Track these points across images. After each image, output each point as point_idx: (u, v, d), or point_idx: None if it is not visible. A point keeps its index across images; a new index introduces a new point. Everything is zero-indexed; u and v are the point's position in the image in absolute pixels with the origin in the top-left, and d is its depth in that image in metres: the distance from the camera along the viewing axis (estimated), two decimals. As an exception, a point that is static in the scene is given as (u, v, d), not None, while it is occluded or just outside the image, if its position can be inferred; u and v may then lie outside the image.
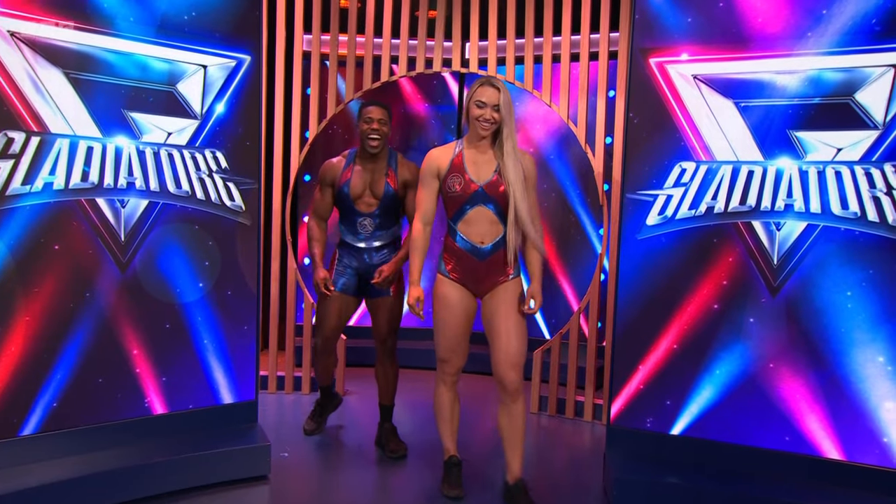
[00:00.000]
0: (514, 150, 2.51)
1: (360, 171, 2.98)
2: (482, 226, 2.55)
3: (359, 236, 3.04)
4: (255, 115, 3.12)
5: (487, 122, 2.48)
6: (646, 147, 2.95)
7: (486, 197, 2.54)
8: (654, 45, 2.90)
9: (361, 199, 2.98)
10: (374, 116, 2.93)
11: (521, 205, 2.49)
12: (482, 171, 2.54)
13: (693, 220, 2.87)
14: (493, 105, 2.48)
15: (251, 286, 3.11)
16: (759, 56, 2.74)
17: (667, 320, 2.91)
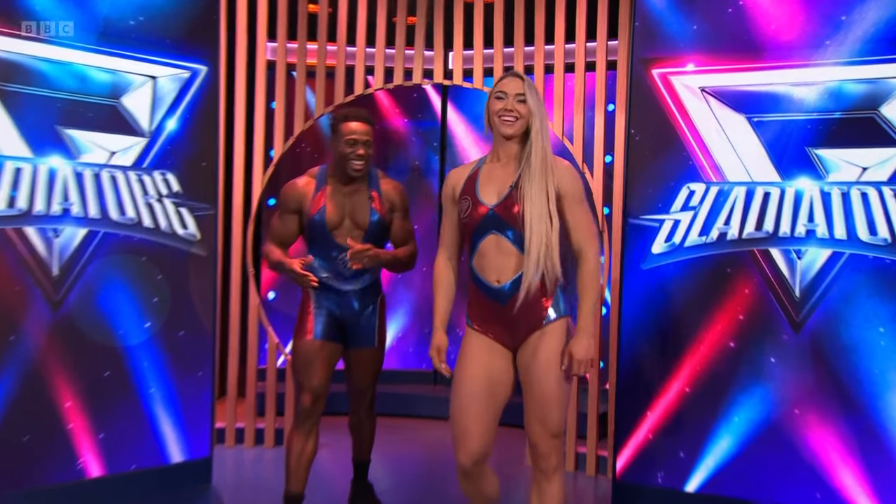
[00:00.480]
0: (542, 158, 2.16)
1: (336, 194, 2.68)
2: (497, 259, 2.17)
3: (340, 276, 2.70)
4: (212, 131, 3.07)
5: (511, 117, 2.15)
6: (650, 167, 2.96)
7: (498, 221, 2.16)
8: (657, 55, 2.92)
9: (340, 229, 2.67)
10: (358, 138, 2.61)
11: (538, 227, 2.11)
12: (497, 188, 2.19)
13: (704, 247, 2.86)
14: (517, 94, 2.15)
15: (206, 325, 3.05)
16: (773, 66, 2.75)
17: (677, 361, 2.88)
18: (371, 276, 2.76)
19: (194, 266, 2.99)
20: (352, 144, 2.60)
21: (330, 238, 2.65)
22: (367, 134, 2.64)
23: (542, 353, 2.14)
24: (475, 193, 2.19)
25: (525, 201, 2.12)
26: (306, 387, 2.62)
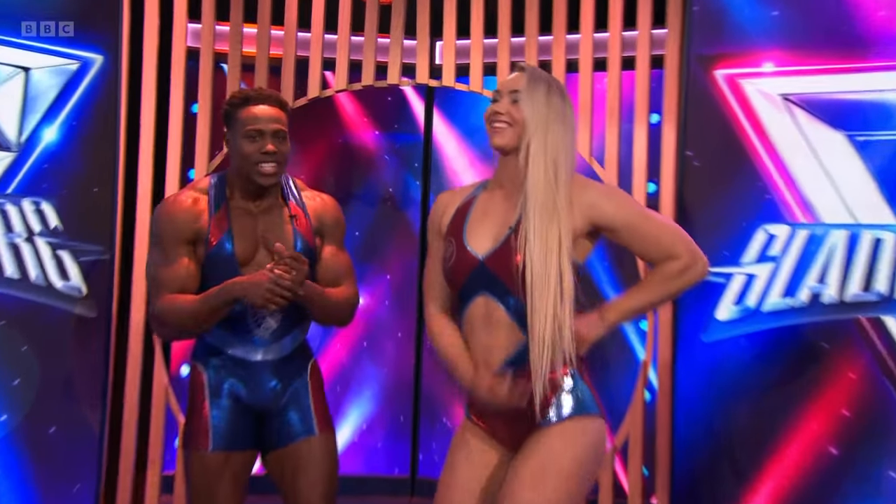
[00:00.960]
0: (545, 186, 2.08)
1: (242, 215, 2.51)
2: (484, 335, 2.11)
3: (251, 340, 2.50)
4: (108, 145, 3.06)
5: (501, 122, 2.10)
6: (712, 202, 3.00)
7: (489, 279, 2.09)
8: (723, 51, 2.97)
9: (251, 265, 2.46)
10: (263, 127, 2.43)
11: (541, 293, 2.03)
12: (494, 229, 2.13)
13: (790, 313, 2.89)
14: (511, 92, 2.11)
15: (92, 417, 2.98)
16: (883, 67, 2.83)
17: (754, 472, 2.89)
18: (295, 334, 2.55)
19: (78, 332, 2.95)
20: (255, 138, 2.40)
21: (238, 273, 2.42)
22: (277, 121, 2.44)
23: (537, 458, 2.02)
24: (462, 234, 2.12)
25: (527, 255, 2.03)
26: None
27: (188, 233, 2.44)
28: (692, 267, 2.07)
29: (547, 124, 2.07)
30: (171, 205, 2.50)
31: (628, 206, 2.14)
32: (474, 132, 4.93)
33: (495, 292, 2.07)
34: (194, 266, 2.46)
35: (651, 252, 2.10)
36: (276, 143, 2.39)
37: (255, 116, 2.40)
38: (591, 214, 2.08)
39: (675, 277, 2.07)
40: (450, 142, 5.03)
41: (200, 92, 3.80)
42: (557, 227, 2.03)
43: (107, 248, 2.99)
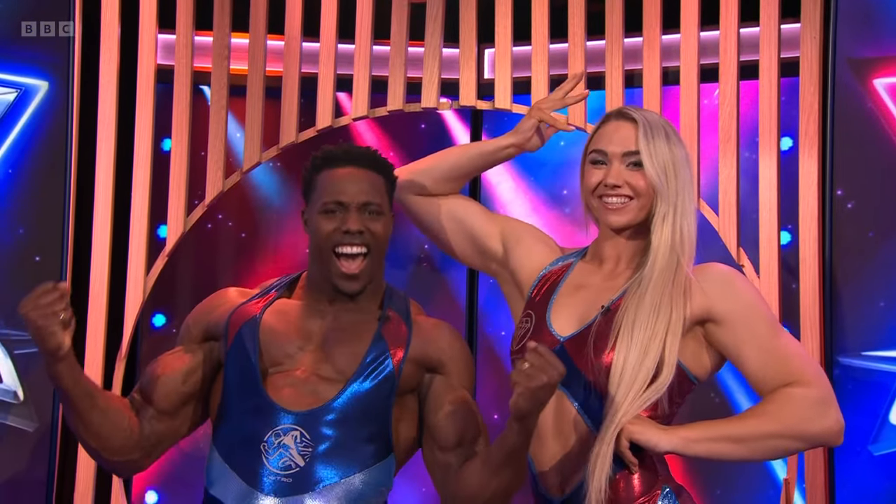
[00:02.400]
0: (674, 260, 2.13)
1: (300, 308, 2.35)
2: (554, 443, 2.15)
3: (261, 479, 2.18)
4: (53, 198, 3.13)
5: (617, 198, 2.17)
6: (873, 257, 3.04)
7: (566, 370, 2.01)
8: (884, 54, 3.02)
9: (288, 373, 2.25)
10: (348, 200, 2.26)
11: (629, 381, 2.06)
12: (583, 307, 2.19)
13: None
14: (626, 153, 2.16)
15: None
16: None
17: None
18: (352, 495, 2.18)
19: (12, 449, 3.01)
20: (334, 213, 2.24)
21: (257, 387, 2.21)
22: (367, 192, 2.27)
23: None
24: (546, 310, 2.21)
25: (621, 339, 2.08)
26: None
27: (202, 324, 2.35)
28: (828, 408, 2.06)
29: (678, 189, 2.13)
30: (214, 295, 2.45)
31: (757, 298, 2.19)
32: (538, 169, 4.97)
33: (570, 387, 2.10)
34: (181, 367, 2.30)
35: (769, 370, 2.09)
36: (363, 220, 2.22)
37: (337, 185, 2.26)
38: (710, 300, 2.11)
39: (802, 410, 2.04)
40: (505, 182, 5.03)
41: (175, 123, 3.77)
42: (670, 308, 2.06)
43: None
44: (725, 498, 4.79)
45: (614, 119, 2.21)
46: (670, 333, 2.04)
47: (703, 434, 2.07)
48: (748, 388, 4.58)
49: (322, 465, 2.15)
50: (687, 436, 2.05)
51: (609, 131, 2.18)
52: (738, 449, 2.10)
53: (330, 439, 2.16)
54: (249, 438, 2.17)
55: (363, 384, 2.19)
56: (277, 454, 2.13)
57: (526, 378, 1.93)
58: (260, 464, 2.14)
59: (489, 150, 2.52)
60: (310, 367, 2.22)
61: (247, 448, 2.17)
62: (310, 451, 2.13)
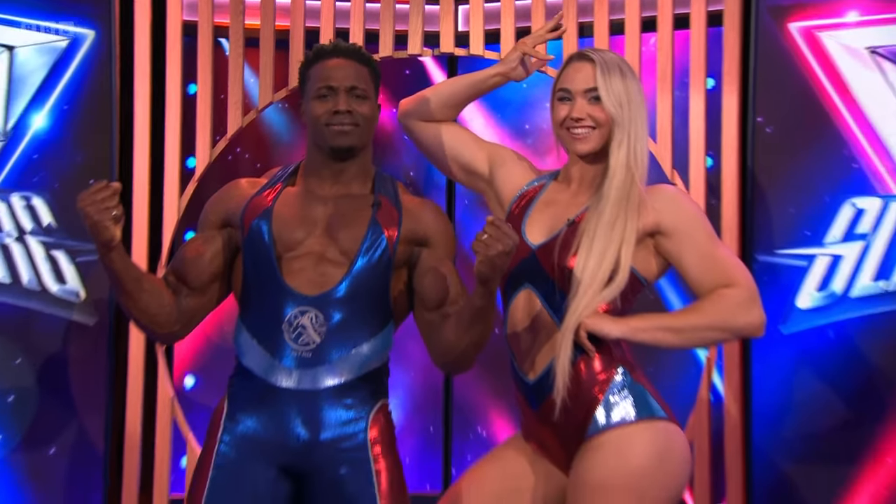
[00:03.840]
0: (629, 178, 2.07)
1: (302, 195, 2.23)
2: (529, 335, 2.11)
3: (283, 356, 2.10)
4: (104, 131, 3.03)
5: (582, 128, 2.11)
6: (788, 174, 2.96)
7: (536, 272, 2.08)
8: (798, 1, 2.94)
9: (300, 258, 2.15)
10: (337, 84, 2.16)
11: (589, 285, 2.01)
12: (551, 220, 2.14)
13: (884, 298, 2.85)
14: (587, 90, 2.08)
15: (94, 436, 2.97)
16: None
17: (847, 481, 2.86)
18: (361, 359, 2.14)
19: (77, 341, 2.95)
20: (326, 97, 2.14)
21: (276, 276, 2.10)
22: (353, 78, 2.16)
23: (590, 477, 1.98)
24: (521, 222, 2.14)
25: (582, 247, 2.04)
26: None
27: (220, 213, 2.23)
28: (752, 308, 2.04)
29: (631, 117, 2.08)
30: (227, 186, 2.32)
31: (699, 215, 2.15)
32: (504, 107, 4.84)
33: (539, 287, 2.07)
34: (210, 248, 2.20)
35: (706, 275, 2.05)
36: (350, 102, 2.11)
37: (326, 72, 2.16)
38: (658, 215, 2.07)
39: (732, 307, 2.03)
40: (476, 118, 4.83)
41: (199, 70, 3.68)
42: (625, 220, 2.02)
43: None
44: (655, 375, 4.82)
45: (576, 61, 2.14)
46: (625, 242, 2.00)
47: (649, 324, 2.06)
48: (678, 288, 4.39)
49: (335, 340, 2.07)
50: (635, 325, 2.03)
51: (572, 72, 2.11)
52: (676, 338, 2.09)
53: (340, 317, 2.07)
54: (271, 319, 2.08)
55: (364, 265, 2.10)
56: (296, 333, 2.05)
57: (484, 247, 1.88)
58: (282, 341, 2.06)
59: (480, 78, 2.41)
60: (317, 251, 2.12)
61: (269, 327, 2.09)
62: (324, 329, 2.06)
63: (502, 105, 4.79)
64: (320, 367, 2.06)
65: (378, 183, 2.24)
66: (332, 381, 2.07)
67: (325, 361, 2.07)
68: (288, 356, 2.07)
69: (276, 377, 2.07)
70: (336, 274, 2.08)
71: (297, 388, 2.06)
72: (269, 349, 2.08)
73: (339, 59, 2.16)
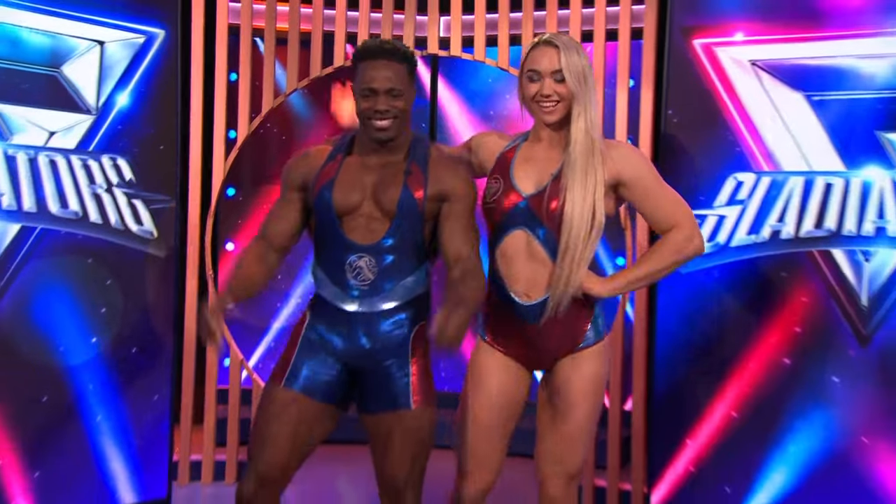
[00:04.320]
0: (586, 147, 2.11)
1: (356, 166, 2.22)
2: (527, 267, 2.15)
3: (348, 289, 2.18)
4: (170, 108, 3.05)
5: (550, 103, 2.11)
6: (689, 153, 3.05)
7: (530, 217, 2.13)
8: (700, 23, 2.99)
9: (355, 215, 2.18)
10: (378, 86, 2.12)
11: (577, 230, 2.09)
12: (537, 175, 2.16)
13: (754, 247, 2.95)
14: (553, 72, 2.09)
15: (165, 340, 3.03)
16: (837, 36, 2.86)
17: (722, 381, 2.97)
18: (397, 290, 2.19)
19: (151, 269, 2.98)
20: (368, 97, 2.12)
21: (338, 231, 2.15)
22: (391, 80, 2.11)
23: (577, 384, 2.16)
24: (509, 175, 2.15)
25: (566, 197, 2.08)
26: (252, 464, 2.12)
27: (298, 178, 2.24)
28: (694, 239, 2.12)
29: (585, 94, 2.09)
30: (297, 154, 2.32)
31: (649, 167, 2.18)
32: (474, 96, 5.02)
33: (532, 228, 2.10)
34: (293, 214, 2.26)
35: (659, 215, 2.14)
36: (388, 101, 2.10)
37: (370, 74, 2.12)
38: (618, 168, 2.11)
39: (680, 248, 2.11)
40: (452, 105, 5.06)
41: (241, 63, 3.84)
42: (594, 174, 2.07)
43: (171, 197, 3.04)
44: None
45: (542, 45, 2.12)
46: (598, 189, 2.07)
47: (624, 281, 2.15)
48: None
49: (385, 277, 2.14)
50: (614, 286, 2.13)
51: (538, 55, 2.11)
52: (647, 282, 2.25)
53: (387, 260, 2.14)
54: (337, 262, 2.16)
55: (402, 221, 2.14)
56: (356, 272, 2.13)
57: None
58: (346, 279, 2.15)
59: None
60: (367, 212, 2.15)
61: (336, 268, 2.16)
62: (376, 269, 2.13)
63: (473, 96, 4.99)
64: (375, 297, 2.14)
65: (413, 148, 2.22)
66: (385, 305, 2.15)
67: (380, 292, 2.14)
68: (351, 289, 2.15)
69: (344, 303, 2.16)
70: (382, 228, 2.13)
71: (359, 311, 2.15)
72: (337, 284, 2.16)
73: (382, 60, 2.11)
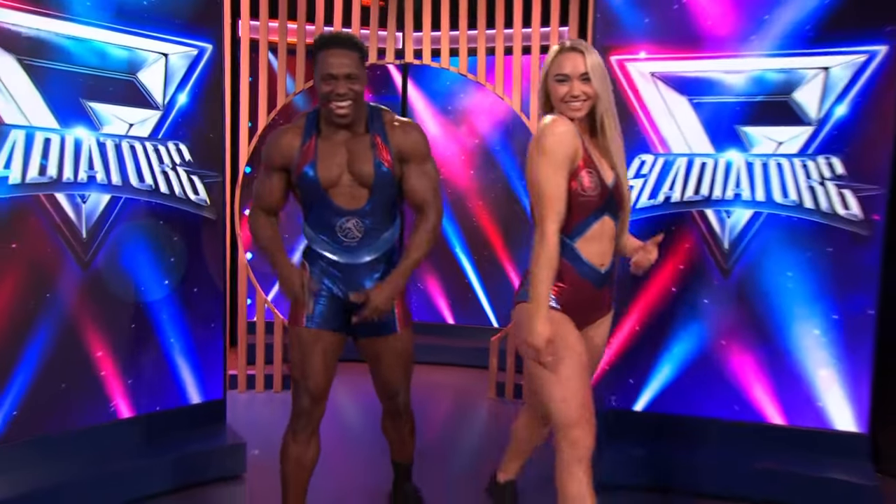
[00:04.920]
0: (619, 134, 1.97)
1: (328, 144, 2.05)
2: (602, 243, 1.99)
3: (341, 246, 2.10)
4: (217, 106, 3.10)
5: (578, 102, 1.91)
6: None
7: (612, 203, 1.98)
8: (615, 44, 3.03)
9: (339, 187, 2.05)
10: (336, 72, 1.94)
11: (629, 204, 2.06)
12: (604, 166, 1.98)
13: (652, 209, 3.04)
14: (581, 75, 1.90)
15: (218, 282, 3.10)
16: (709, 56, 2.94)
17: (629, 304, 3.07)
18: (378, 245, 2.12)
19: (206, 228, 3.04)
20: (329, 81, 1.95)
21: (327, 199, 2.05)
22: (348, 66, 1.94)
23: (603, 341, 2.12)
24: (597, 169, 1.93)
25: (623, 181, 1.99)
26: (302, 387, 2.11)
27: (280, 160, 2.10)
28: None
29: (608, 93, 1.95)
30: (274, 136, 2.14)
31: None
32: (436, 95, 5.13)
33: (612, 212, 1.97)
34: (280, 188, 2.15)
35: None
36: (347, 85, 1.95)
37: (329, 61, 1.95)
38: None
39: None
40: (419, 102, 5.18)
41: (260, 69, 3.96)
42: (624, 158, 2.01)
43: (220, 174, 3.10)
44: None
45: (568, 51, 1.91)
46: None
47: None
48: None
49: (369, 234, 2.11)
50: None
51: (565, 60, 1.91)
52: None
53: (371, 221, 2.11)
54: (328, 224, 2.10)
55: (378, 186, 2.07)
56: (345, 231, 2.10)
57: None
58: (336, 237, 2.10)
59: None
60: (347, 182, 2.06)
61: (327, 228, 2.11)
62: (363, 228, 2.09)
63: (435, 94, 5.09)
64: (361, 250, 2.12)
65: (371, 120, 2.07)
66: (368, 257, 2.13)
67: (365, 246, 2.11)
68: (341, 245, 2.11)
69: (337, 256, 2.13)
70: (363, 195, 2.07)
71: (349, 262, 2.13)
72: (329, 241, 2.12)
73: (339, 49, 1.95)
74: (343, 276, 2.12)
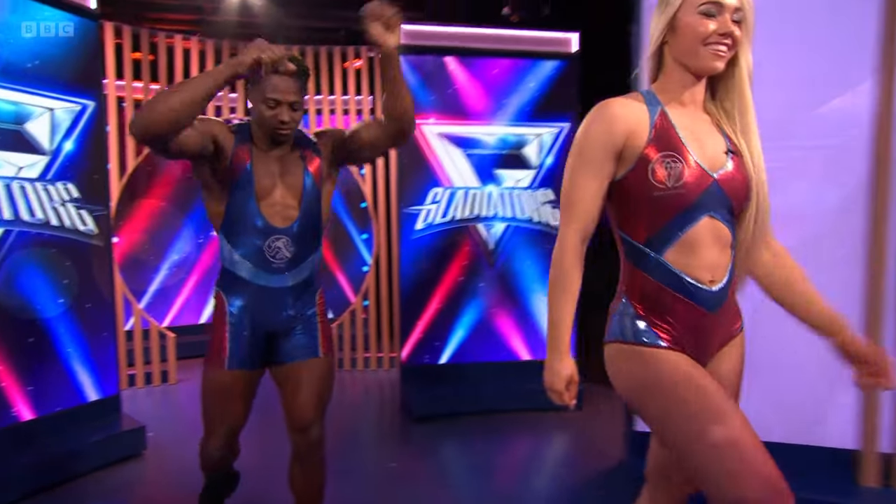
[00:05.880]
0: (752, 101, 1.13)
1: (263, 156, 1.59)
2: (712, 253, 1.13)
3: (268, 269, 1.60)
4: (100, 151, 2.85)
5: (724, 46, 1.09)
6: (413, 178, 3.30)
7: (720, 199, 1.12)
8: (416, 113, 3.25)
9: (270, 199, 1.58)
10: (281, 98, 1.52)
11: (765, 203, 1.14)
12: (707, 149, 1.13)
13: (444, 224, 3.29)
14: (736, 9, 1.09)
15: (108, 298, 2.86)
16: (474, 123, 3.28)
17: (433, 290, 3.30)
18: (306, 266, 1.63)
19: (95, 254, 2.78)
20: (272, 106, 1.52)
21: (257, 213, 1.55)
22: (294, 94, 1.53)
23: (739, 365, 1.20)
24: (688, 153, 1.10)
25: (749, 168, 1.13)
26: (215, 430, 1.61)
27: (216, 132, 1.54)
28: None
29: (751, 39, 1.11)
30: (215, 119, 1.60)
31: None
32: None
33: (719, 211, 1.12)
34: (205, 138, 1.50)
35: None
36: (290, 113, 1.55)
37: (276, 84, 1.52)
38: None
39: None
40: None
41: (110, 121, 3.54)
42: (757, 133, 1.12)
43: (105, 208, 2.85)
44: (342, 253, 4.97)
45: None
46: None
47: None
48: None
49: (298, 253, 1.62)
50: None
51: None
52: None
53: (300, 240, 1.62)
54: (255, 246, 1.58)
55: (308, 203, 1.62)
56: (274, 251, 1.59)
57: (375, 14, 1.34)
58: (265, 258, 1.59)
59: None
60: (279, 197, 1.59)
61: (255, 250, 1.59)
62: (292, 248, 1.60)
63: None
64: (288, 273, 1.62)
65: (298, 139, 1.64)
66: (295, 280, 1.63)
67: (293, 267, 1.62)
68: (270, 266, 1.59)
69: (263, 281, 1.60)
70: (294, 214, 1.60)
71: (276, 286, 1.62)
72: (256, 264, 1.59)
73: (284, 79, 1.52)
74: (265, 305, 1.60)
